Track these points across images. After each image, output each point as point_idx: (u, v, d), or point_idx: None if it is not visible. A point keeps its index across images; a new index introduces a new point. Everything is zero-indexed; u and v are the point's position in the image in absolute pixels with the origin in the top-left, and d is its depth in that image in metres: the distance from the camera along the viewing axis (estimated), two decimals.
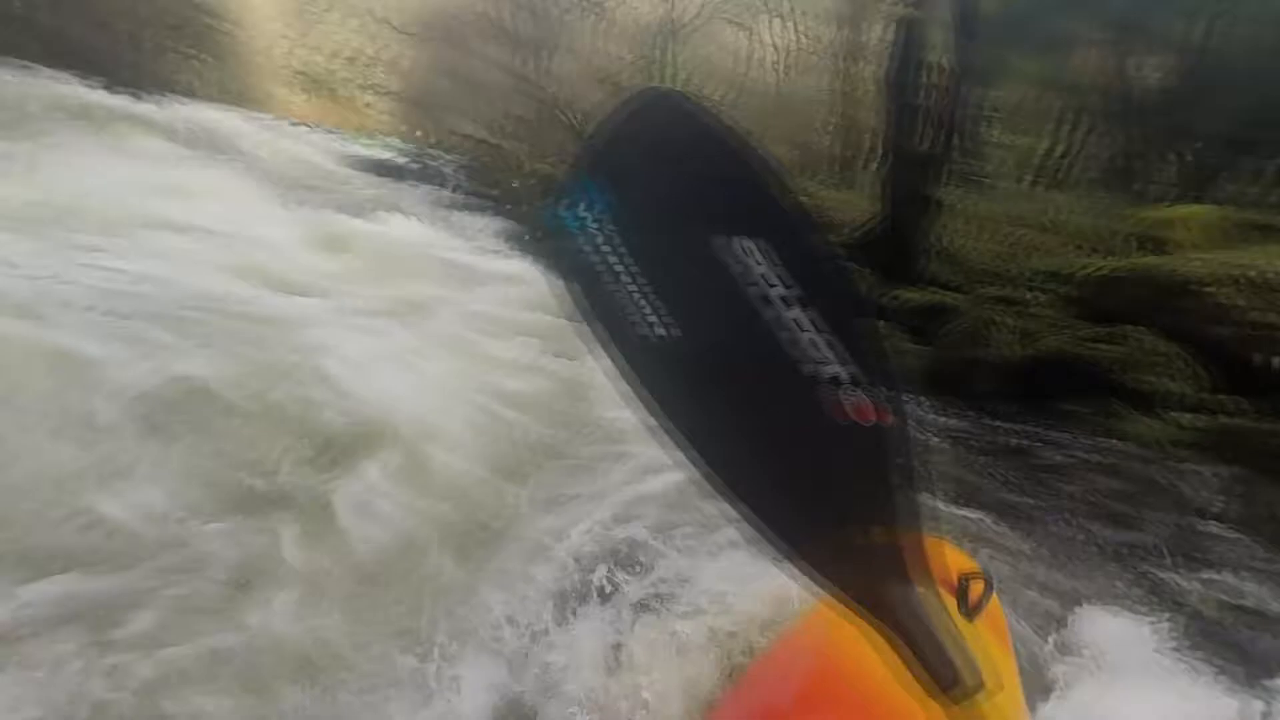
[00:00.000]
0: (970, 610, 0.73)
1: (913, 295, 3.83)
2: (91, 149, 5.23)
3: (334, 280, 2.61)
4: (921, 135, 3.86)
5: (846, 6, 8.10)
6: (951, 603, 0.70)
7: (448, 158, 14.34)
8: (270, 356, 1.96)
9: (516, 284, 3.40)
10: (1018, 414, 2.57)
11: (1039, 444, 2.34)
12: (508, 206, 7.69)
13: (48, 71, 10.49)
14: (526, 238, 5.61)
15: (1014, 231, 4.33)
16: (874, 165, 5.87)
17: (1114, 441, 2.39)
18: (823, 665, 0.77)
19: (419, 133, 20.77)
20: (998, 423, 2.55)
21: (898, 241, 4.28)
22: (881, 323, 3.92)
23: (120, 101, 9.06)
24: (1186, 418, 2.46)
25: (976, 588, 0.75)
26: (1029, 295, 3.56)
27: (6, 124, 5.30)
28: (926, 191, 3.96)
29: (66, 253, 2.28)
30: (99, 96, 8.96)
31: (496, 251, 4.95)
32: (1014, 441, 2.38)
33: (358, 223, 4.44)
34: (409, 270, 3.06)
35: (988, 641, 0.75)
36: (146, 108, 9.32)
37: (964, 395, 2.82)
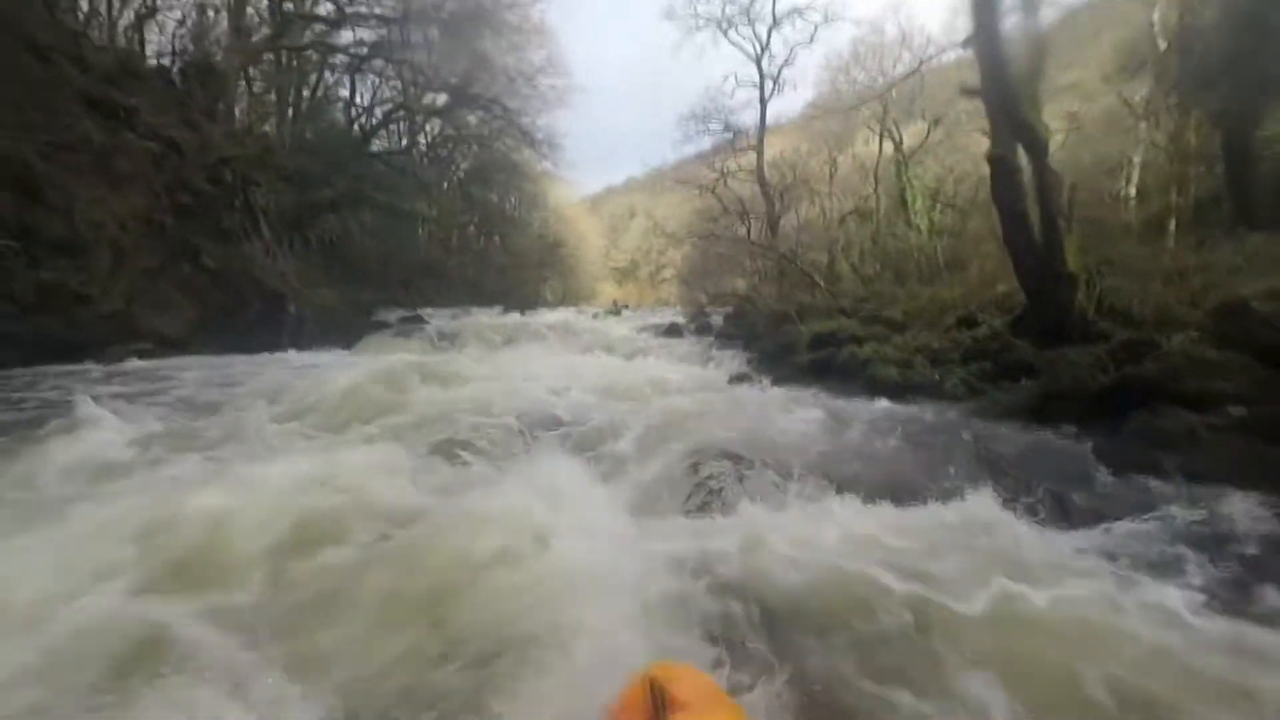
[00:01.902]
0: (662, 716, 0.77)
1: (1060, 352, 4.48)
2: (516, 350, 9.42)
3: (626, 394, 4.89)
4: (1030, 231, 4.67)
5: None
6: None
7: (717, 311, 17.92)
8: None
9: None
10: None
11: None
12: (753, 339, 9.85)
13: (477, 308, 17.34)
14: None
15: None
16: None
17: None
18: None
19: (701, 297, 25.79)
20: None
21: (1043, 315, 4.92)
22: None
23: (517, 319, 14.62)
24: None
25: (666, 692, 0.79)
26: (1161, 337, 3.89)
27: (483, 340, 10.03)
28: (1056, 269, 4.64)
29: (531, 391, 4.96)
30: (507, 319, 14.54)
31: (733, 374, 7.04)
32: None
33: (639, 362, 7.22)
34: (669, 392, 5.26)
35: None
36: (530, 319, 14.75)
37: (1042, 420, 3.54)
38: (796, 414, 4.12)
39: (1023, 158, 4.91)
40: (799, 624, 1.63)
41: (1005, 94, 4.55)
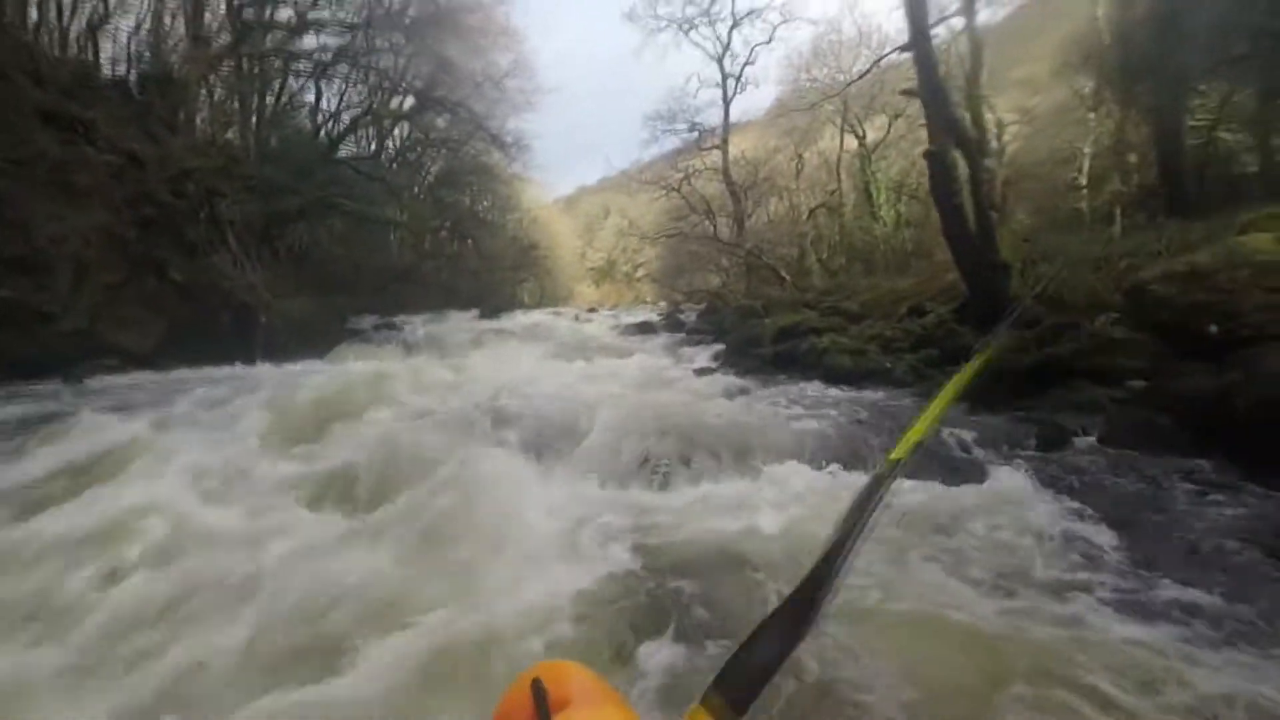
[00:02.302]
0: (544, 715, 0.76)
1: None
2: (488, 353, 9.54)
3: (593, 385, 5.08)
4: (966, 223, 4.99)
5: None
6: None
7: (692, 308, 18.21)
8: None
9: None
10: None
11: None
12: (723, 334, 10.13)
13: (453, 312, 17.33)
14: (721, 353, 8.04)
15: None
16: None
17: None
18: None
19: (676, 295, 26.12)
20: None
21: (982, 302, 5.23)
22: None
23: (491, 323, 14.70)
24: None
25: (549, 691, 0.78)
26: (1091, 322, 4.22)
27: (454, 344, 10.12)
28: (991, 259, 4.95)
29: (493, 392, 5.11)
30: (482, 323, 14.62)
31: (699, 368, 7.26)
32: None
33: (610, 362, 7.37)
34: (632, 387, 5.45)
35: None
36: (505, 322, 14.84)
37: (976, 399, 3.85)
38: (748, 402, 4.35)
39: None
40: (707, 587, 1.83)
41: (938, 95, 4.83)
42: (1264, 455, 2.47)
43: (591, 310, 23.89)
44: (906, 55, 16.90)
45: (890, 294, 8.22)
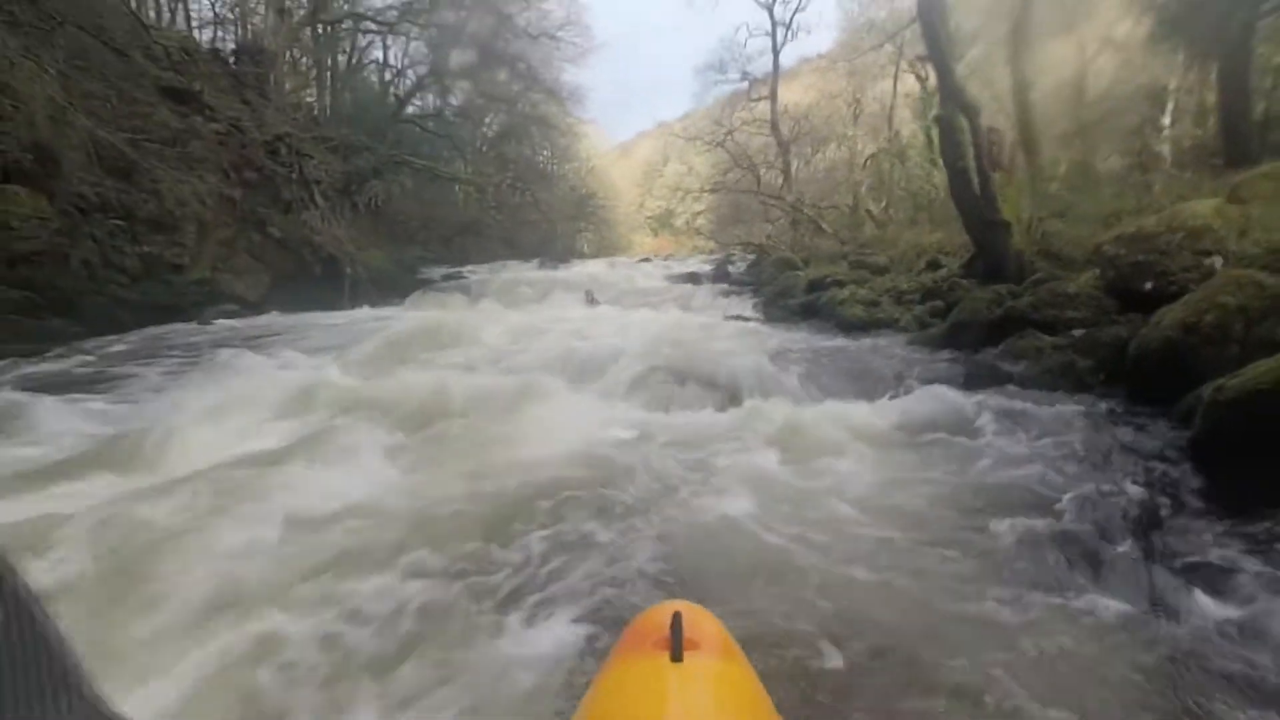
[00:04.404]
0: (677, 654, 0.79)
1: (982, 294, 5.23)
2: (546, 302, 10.60)
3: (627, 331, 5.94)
4: (970, 184, 5.30)
5: None
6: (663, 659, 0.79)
7: (742, 258, 18.53)
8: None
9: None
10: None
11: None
12: (762, 285, 10.67)
13: (515, 262, 18.40)
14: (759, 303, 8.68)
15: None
16: None
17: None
18: None
19: (733, 246, 26.28)
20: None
21: (986, 258, 5.60)
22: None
23: (549, 273, 15.69)
24: None
25: (688, 629, 0.82)
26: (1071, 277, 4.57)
27: (514, 293, 11.25)
28: (991, 218, 5.28)
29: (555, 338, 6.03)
30: (541, 273, 15.63)
31: (730, 316, 7.95)
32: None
33: (652, 311, 8.24)
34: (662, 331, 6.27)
35: (700, 673, 0.81)
36: (563, 273, 15.80)
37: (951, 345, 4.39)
38: (756, 347, 5.08)
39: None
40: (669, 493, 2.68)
41: (944, 64, 5.13)
42: (1147, 391, 3.02)
43: (645, 260, 24.35)
44: None
45: (916, 247, 8.50)
